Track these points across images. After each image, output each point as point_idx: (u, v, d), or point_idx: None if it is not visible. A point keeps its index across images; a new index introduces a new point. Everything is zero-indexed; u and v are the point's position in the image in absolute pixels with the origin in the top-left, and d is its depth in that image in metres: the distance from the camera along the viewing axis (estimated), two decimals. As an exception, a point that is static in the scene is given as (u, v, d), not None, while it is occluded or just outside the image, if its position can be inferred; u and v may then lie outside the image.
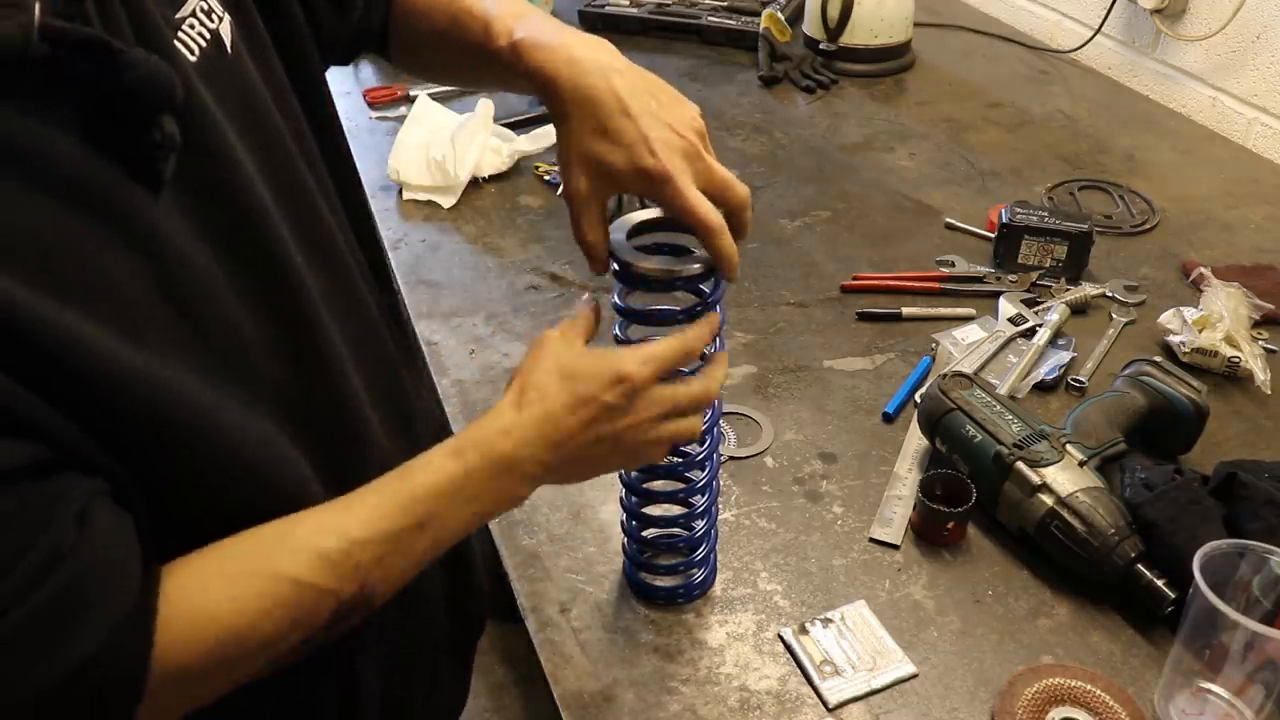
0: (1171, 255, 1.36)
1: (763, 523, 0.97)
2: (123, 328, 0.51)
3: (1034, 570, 0.92)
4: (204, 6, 0.61)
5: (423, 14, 0.83)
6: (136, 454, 0.53)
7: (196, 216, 0.57)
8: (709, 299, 0.74)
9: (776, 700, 0.81)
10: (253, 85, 0.65)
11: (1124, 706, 0.78)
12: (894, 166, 1.58)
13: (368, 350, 0.74)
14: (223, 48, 0.63)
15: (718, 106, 1.75)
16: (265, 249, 0.62)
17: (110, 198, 0.51)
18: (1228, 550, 0.78)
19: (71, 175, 0.50)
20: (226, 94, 0.61)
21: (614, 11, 2.02)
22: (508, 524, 0.96)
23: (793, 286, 1.29)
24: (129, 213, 0.52)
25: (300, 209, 0.67)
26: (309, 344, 0.66)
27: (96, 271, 0.51)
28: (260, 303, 0.61)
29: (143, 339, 0.52)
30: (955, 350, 1.18)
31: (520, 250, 1.37)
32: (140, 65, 0.50)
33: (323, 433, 0.66)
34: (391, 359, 0.80)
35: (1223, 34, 1.63)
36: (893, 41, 1.86)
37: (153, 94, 0.51)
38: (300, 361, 0.65)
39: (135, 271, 0.52)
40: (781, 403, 1.11)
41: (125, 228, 0.52)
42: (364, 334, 0.74)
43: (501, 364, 1.17)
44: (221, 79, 0.61)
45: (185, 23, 0.59)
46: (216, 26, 0.62)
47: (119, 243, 0.52)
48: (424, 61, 0.89)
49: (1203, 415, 1.00)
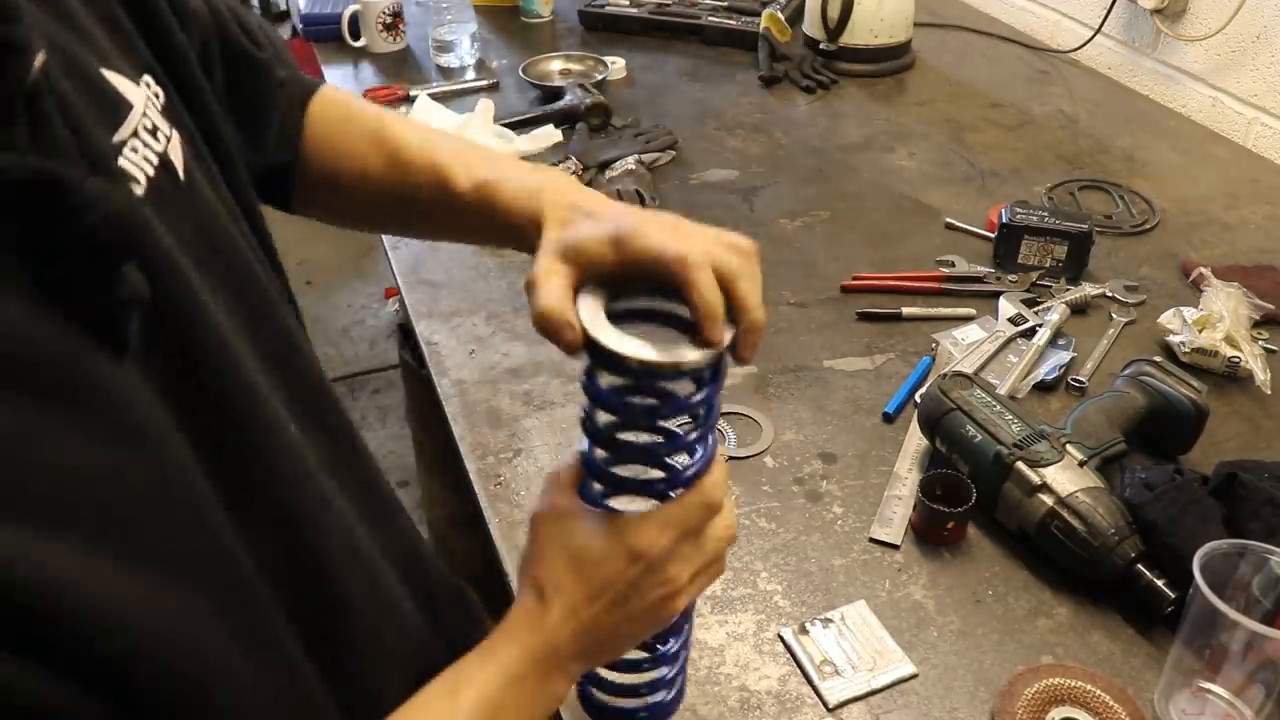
0: (1171, 255, 1.36)
1: (763, 523, 0.97)
2: (118, 552, 0.40)
3: (1034, 570, 0.92)
4: (147, 124, 0.50)
5: (348, 160, 0.74)
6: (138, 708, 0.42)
7: (165, 387, 0.46)
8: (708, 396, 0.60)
9: (776, 700, 0.81)
10: (210, 213, 0.55)
11: (1124, 706, 0.78)
12: (894, 166, 1.58)
13: (385, 524, 0.66)
14: (174, 174, 0.52)
15: (718, 106, 1.75)
16: (253, 420, 0.52)
17: (77, 375, 0.41)
18: (1228, 550, 0.78)
19: (28, 356, 0.39)
20: (183, 229, 0.50)
21: (614, 11, 2.03)
22: (508, 524, 0.97)
23: (793, 286, 1.29)
24: (101, 392, 0.42)
25: (283, 358, 0.58)
26: (316, 543, 0.56)
27: (77, 483, 0.40)
28: (255, 489, 0.51)
29: (142, 563, 0.42)
30: (955, 350, 1.18)
31: (520, 250, 1.37)
32: (101, 202, 0.40)
33: (345, 678, 0.57)
34: (408, 528, 0.73)
35: (1223, 34, 1.63)
36: (893, 41, 1.86)
37: (119, 237, 0.41)
38: (311, 570, 0.55)
39: (118, 471, 0.42)
40: (781, 403, 1.11)
41: (99, 413, 0.41)
42: (377, 503, 0.67)
43: (502, 364, 1.17)
44: (175, 212, 0.50)
45: (127, 146, 0.48)
46: (164, 148, 0.52)
47: (96, 434, 0.41)
48: (338, 205, 0.79)
49: (1203, 415, 1.00)
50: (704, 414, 0.61)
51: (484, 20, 2.05)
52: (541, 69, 1.83)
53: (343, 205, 0.80)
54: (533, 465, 1.03)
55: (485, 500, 0.99)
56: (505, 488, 1.01)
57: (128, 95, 0.50)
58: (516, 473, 1.02)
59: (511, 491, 1.00)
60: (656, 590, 0.59)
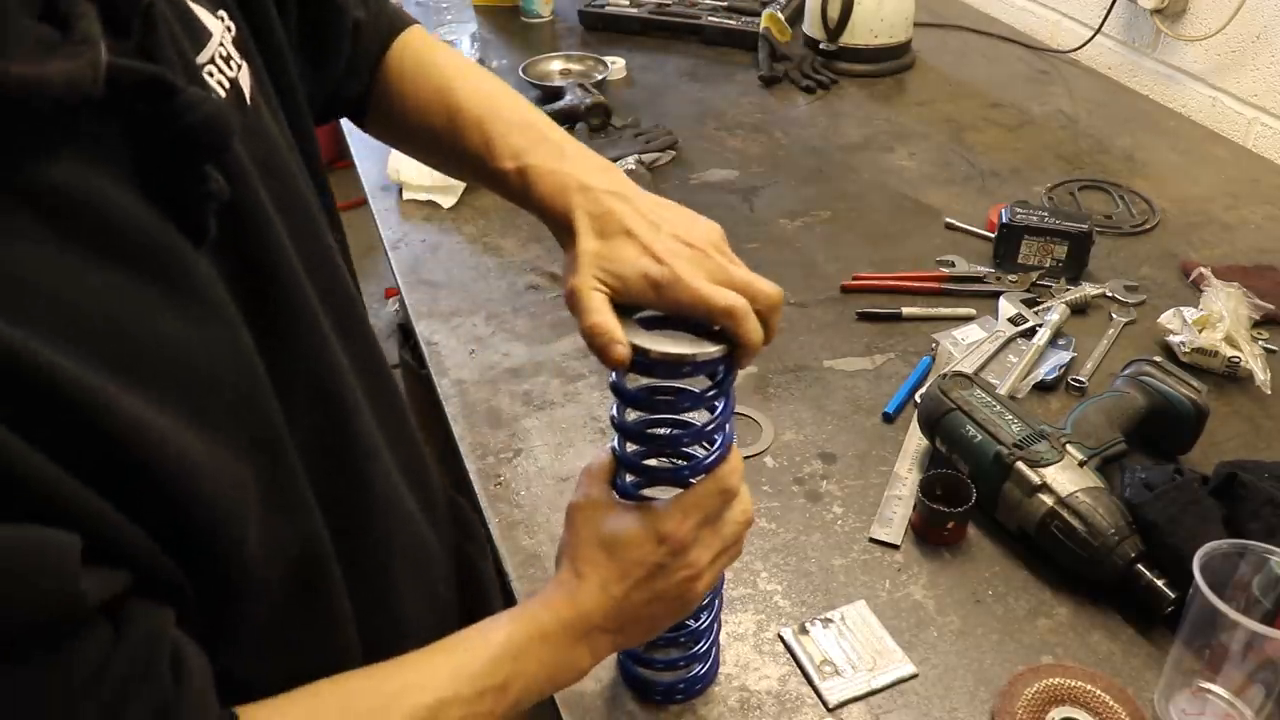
0: (1171, 255, 1.36)
1: (763, 523, 0.97)
2: (193, 417, 0.46)
3: (1034, 570, 0.92)
4: (223, 52, 0.56)
5: (413, 107, 0.79)
6: (198, 563, 0.48)
7: (231, 280, 0.52)
8: (722, 387, 0.67)
9: (776, 700, 0.81)
10: (273, 141, 0.61)
11: (1124, 706, 0.78)
12: (894, 166, 1.58)
13: (398, 434, 0.72)
14: (243, 99, 0.58)
15: (718, 106, 1.75)
16: (299, 318, 0.58)
17: (170, 259, 0.47)
18: (1228, 550, 0.78)
19: (135, 236, 0.45)
20: (250, 150, 0.56)
21: (614, 11, 2.03)
22: (508, 524, 0.97)
23: (793, 286, 1.29)
24: (188, 277, 0.48)
25: (325, 278, 0.63)
26: (345, 438, 0.63)
27: (162, 348, 0.46)
28: (297, 375, 0.57)
29: (211, 425, 0.47)
30: (955, 350, 1.18)
31: (520, 250, 1.37)
32: (200, 106, 0.46)
33: (357, 531, 0.64)
34: (416, 439, 0.78)
35: (1223, 34, 1.63)
36: (893, 41, 1.86)
37: (213, 138, 0.47)
38: (338, 460, 0.61)
39: (197, 345, 0.48)
40: (781, 403, 1.11)
41: (185, 294, 0.47)
42: (393, 415, 0.72)
43: (502, 364, 1.17)
44: (244, 133, 0.56)
45: (204, 70, 0.54)
46: (235, 75, 0.57)
47: (181, 312, 0.47)
48: (403, 143, 0.85)
49: (1203, 415, 1.00)
50: (721, 406, 0.67)
51: (484, 20, 2.05)
52: (541, 69, 1.83)
53: (405, 144, 0.86)
54: (532, 465, 1.03)
55: (485, 500, 0.99)
56: (505, 488, 1.01)
57: (208, 24, 0.56)
58: (516, 473, 1.02)
59: (511, 491, 1.00)
60: (681, 572, 0.65)
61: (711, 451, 0.68)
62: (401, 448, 0.73)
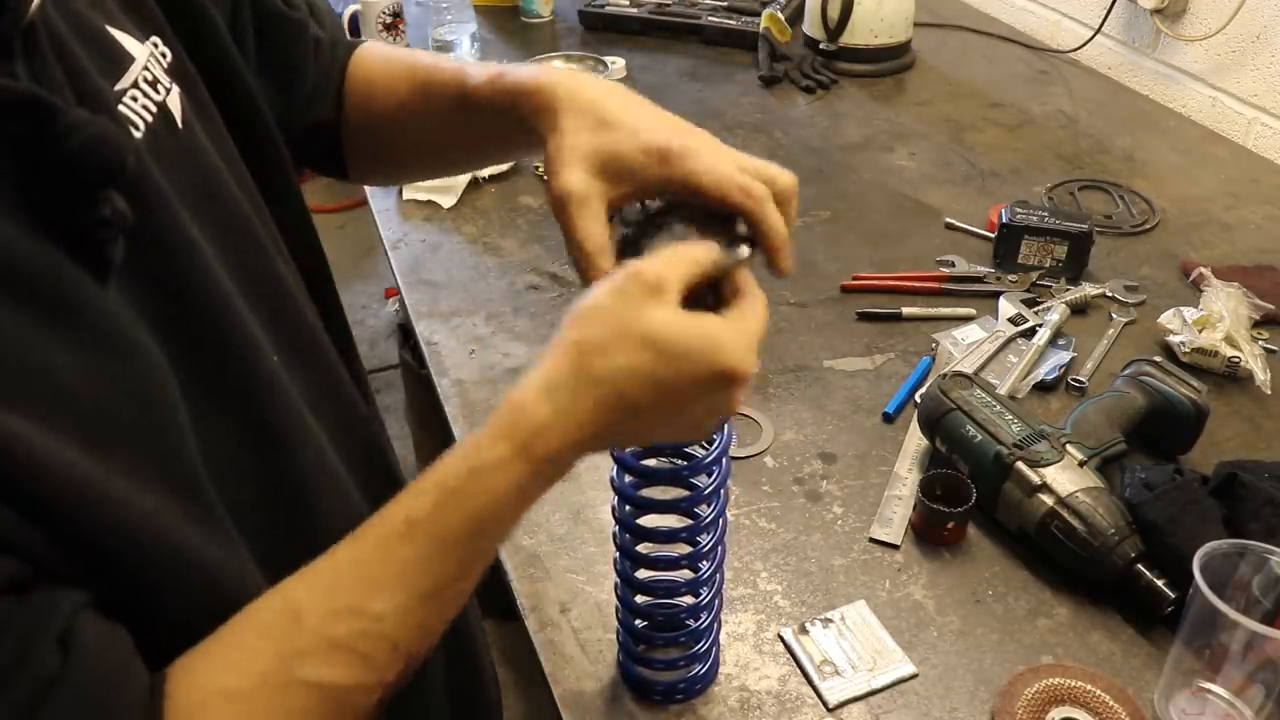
0: (1171, 255, 1.36)
1: (763, 523, 0.97)
2: (82, 438, 0.44)
3: (1034, 570, 0.92)
4: (148, 77, 0.54)
5: (381, 90, 0.77)
6: (100, 575, 0.46)
7: (149, 310, 0.49)
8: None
9: (776, 700, 0.81)
10: (209, 164, 0.58)
11: (1124, 706, 0.78)
12: (894, 166, 1.58)
13: (364, 459, 0.67)
14: (172, 123, 0.56)
15: (718, 106, 1.75)
16: (231, 348, 0.55)
17: (54, 286, 0.44)
18: (1228, 550, 0.78)
19: (10, 261, 0.43)
20: (178, 174, 0.54)
21: (614, 11, 2.02)
22: (508, 524, 0.96)
23: (793, 286, 1.29)
24: (76, 303, 0.45)
25: (272, 300, 0.60)
26: (286, 471, 0.58)
27: (42, 372, 0.43)
28: (229, 408, 0.54)
29: (103, 450, 0.45)
30: (955, 350, 1.18)
31: (520, 250, 1.37)
32: (83, 128, 0.44)
33: (300, 564, 0.56)
34: (394, 467, 0.73)
35: (1223, 34, 1.63)
36: (893, 41, 1.86)
37: (99, 161, 0.44)
38: (278, 496, 0.57)
39: (88, 372, 0.45)
40: (781, 403, 1.11)
41: (73, 321, 0.45)
42: (357, 441, 0.68)
43: (502, 364, 1.17)
44: (171, 157, 0.54)
45: (127, 95, 0.52)
46: (163, 99, 0.55)
47: (67, 338, 0.44)
48: (383, 151, 0.82)
49: (1203, 415, 1.00)
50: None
51: (484, 20, 2.04)
52: (541, 69, 1.82)
53: (386, 150, 0.82)
54: (533, 465, 1.03)
55: (485, 500, 0.99)
56: (505, 488, 1.00)
57: (130, 50, 0.55)
58: (516, 473, 1.02)
59: (511, 491, 1.00)
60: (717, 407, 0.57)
61: (712, 451, 0.68)
62: (375, 482, 0.67)
